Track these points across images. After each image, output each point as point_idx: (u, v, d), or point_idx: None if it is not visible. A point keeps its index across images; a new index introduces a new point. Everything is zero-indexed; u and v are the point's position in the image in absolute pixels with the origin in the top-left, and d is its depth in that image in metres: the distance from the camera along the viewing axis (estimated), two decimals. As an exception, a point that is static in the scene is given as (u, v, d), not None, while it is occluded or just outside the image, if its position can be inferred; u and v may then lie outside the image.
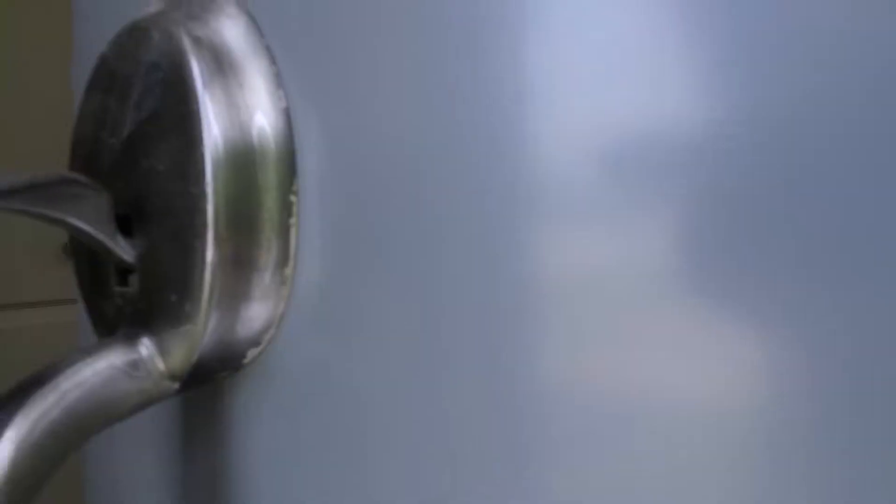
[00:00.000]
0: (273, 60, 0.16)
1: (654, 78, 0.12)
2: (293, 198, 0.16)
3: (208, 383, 0.17)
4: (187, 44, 0.16)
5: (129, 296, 0.16)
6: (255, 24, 0.17)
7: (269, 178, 0.16)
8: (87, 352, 0.15)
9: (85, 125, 0.18)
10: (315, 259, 0.16)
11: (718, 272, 0.12)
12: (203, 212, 0.15)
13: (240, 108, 0.16)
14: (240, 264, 0.15)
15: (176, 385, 0.16)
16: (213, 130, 0.15)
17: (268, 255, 0.15)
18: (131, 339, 0.16)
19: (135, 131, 0.16)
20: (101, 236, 0.16)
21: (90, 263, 0.18)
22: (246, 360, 0.16)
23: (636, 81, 0.12)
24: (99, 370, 0.15)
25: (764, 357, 0.12)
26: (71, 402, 0.14)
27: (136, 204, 0.16)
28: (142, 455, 0.21)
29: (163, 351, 0.16)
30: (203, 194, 0.15)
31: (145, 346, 0.16)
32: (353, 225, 0.15)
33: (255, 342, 0.16)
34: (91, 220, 0.16)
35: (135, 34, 0.17)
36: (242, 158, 0.15)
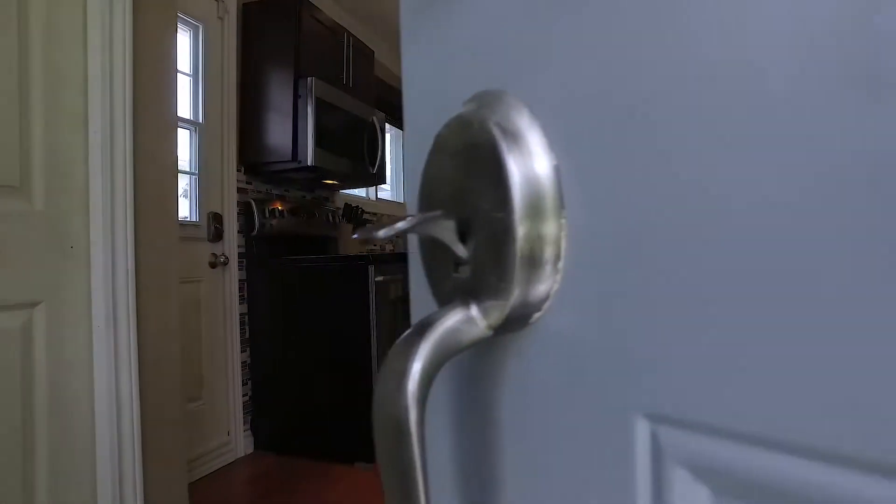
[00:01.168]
0: (545, 134, 0.26)
1: None
2: (563, 220, 0.25)
3: (508, 333, 0.27)
4: (497, 131, 0.26)
5: (461, 280, 0.28)
6: (532, 113, 0.27)
7: (548, 208, 0.25)
8: (445, 311, 0.26)
9: (431, 175, 0.30)
10: (576, 259, 0.25)
11: None
12: (512, 228, 0.25)
13: (528, 166, 0.26)
14: (532, 260, 0.25)
15: (491, 332, 0.26)
16: (515, 179, 0.25)
17: (548, 255, 0.25)
18: (466, 304, 0.27)
19: (464, 181, 0.28)
20: (449, 242, 0.27)
21: (436, 260, 0.29)
22: (531, 320, 0.27)
23: None
24: (453, 321, 0.26)
25: None
26: (442, 338, 0.25)
27: (467, 223, 0.27)
28: (453, 380, 0.33)
29: (485, 312, 0.26)
30: (511, 218, 0.25)
31: (474, 309, 0.27)
32: (599, 241, 0.24)
33: (537, 308, 0.26)
34: (443, 234, 0.27)
35: (462, 122, 0.28)
36: (532, 196, 0.25)
